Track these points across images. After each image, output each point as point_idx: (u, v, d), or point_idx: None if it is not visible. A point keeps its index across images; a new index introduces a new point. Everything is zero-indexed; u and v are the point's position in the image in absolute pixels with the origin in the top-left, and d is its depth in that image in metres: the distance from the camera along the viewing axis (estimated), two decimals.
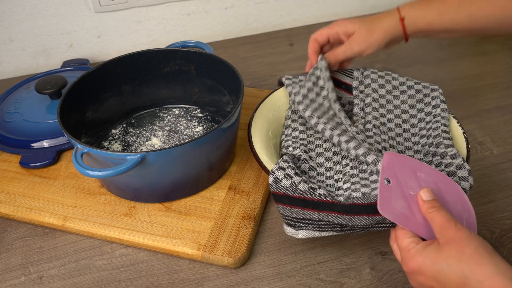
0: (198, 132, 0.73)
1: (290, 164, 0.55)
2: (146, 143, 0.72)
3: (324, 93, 0.66)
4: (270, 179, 0.53)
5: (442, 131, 0.60)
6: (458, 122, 0.62)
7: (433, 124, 0.62)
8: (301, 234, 0.54)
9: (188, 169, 0.60)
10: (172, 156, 0.57)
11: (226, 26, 1.04)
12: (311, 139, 0.63)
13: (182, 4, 0.97)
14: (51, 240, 0.61)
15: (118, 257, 0.59)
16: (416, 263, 0.43)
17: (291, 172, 0.54)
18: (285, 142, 0.62)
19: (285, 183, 0.52)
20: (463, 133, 0.60)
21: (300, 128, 0.64)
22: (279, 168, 0.54)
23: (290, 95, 0.67)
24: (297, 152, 0.59)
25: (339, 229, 0.54)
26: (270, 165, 0.56)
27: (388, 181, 0.48)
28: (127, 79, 0.74)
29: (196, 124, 0.75)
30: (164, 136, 0.73)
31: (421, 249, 0.44)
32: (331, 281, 0.55)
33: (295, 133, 0.63)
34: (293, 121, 0.65)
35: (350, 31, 0.66)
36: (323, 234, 0.54)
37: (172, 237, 0.58)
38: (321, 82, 0.66)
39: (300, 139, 0.62)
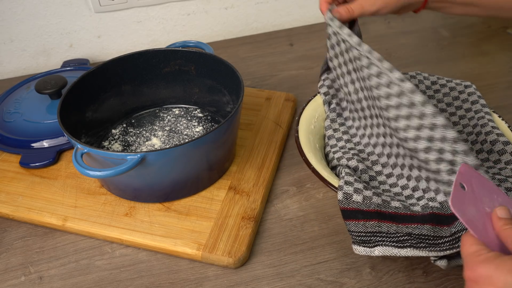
0: (198, 132, 0.73)
1: (356, 177, 0.52)
2: (146, 143, 0.72)
3: (351, 54, 0.59)
4: (340, 195, 0.50)
5: (493, 127, 0.59)
6: (500, 117, 0.62)
7: (478, 120, 0.61)
8: (378, 251, 0.49)
9: (188, 169, 0.60)
10: (172, 156, 0.57)
11: (226, 26, 1.04)
12: (360, 147, 0.60)
13: (182, 4, 0.97)
14: (51, 240, 0.61)
15: (118, 257, 0.59)
16: (485, 269, 0.38)
17: (360, 185, 0.51)
18: (334, 153, 0.59)
19: (357, 198, 0.50)
20: (508, 127, 0.60)
21: (345, 137, 0.61)
22: (346, 183, 0.51)
23: (326, 100, 0.64)
24: (353, 163, 0.56)
25: (421, 243, 0.49)
26: (332, 180, 0.53)
27: (463, 187, 0.44)
28: (127, 79, 0.74)
29: (196, 124, 0.75)
30: (164, 136, 0.73)
31: (495, 256, 0.38)
32: (331, 281, 0.55)
33: (341, 143, 0.60)
34: (334, 130, 0.62)
35: None
36: (403, 252, 0.48)
37: (172, 237, 0.58)
38: (342, 44, 0.60)
39: (349, 149, 0.59)
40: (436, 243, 0.48)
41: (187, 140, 0.66)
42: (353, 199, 0.50)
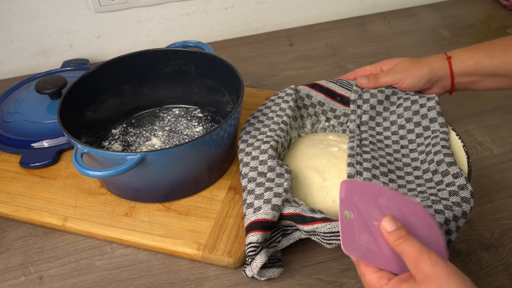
0: (198, 132, 0.73)
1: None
2: (146, 143, 0.72)
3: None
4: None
5: (442, 146, 0.59)
6: (457, 135, 0.61)
7: (432, 139, 0.61)
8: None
9: (188, 169, 0.60)
10: (172, 156, 0.57)
11: (226, 26, 1.04)
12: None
13: (182, 4, 0.97)
14: (51, 240, 0.61)
15: (118, 257, 0.59)
16: None
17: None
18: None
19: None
20: (463, 146, 0.60)
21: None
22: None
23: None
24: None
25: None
26: None
27: (349, 215, 0.43)
28: (127, 79, 0.74)
29: (196, 124, 0.75)
30: (164, 136, 0.73)
31: (396, 286, 0.39)
32: (331, 281, 0.55)
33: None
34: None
35: (393, 63, 0.67)
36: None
37: (172, 237, 0.58)
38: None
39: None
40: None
41: (187, 140, 0.66)
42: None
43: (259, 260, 0.50)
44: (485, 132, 0.75)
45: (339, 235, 0.50)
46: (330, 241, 0.51)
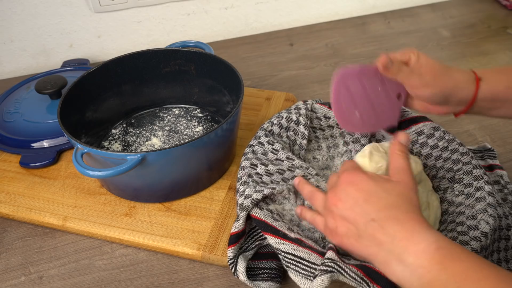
0: (198, 132, 0.73)
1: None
2: (146, 143, 0.72)
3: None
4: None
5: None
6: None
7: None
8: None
9: (188, 169, 0.60)
10: (172, 156, 0.57)
11: (226, 26, 1.04)
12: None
13: (182, 4, 0.97)
14: (51, 240, 0.61)
15: (118, 257, 0.59)
16: (359, 175, 0.45)
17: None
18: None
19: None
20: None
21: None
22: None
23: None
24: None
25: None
26: None
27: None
28: (127, 79, 0.74)
29: (196, 124, 0.75)
30: (164, 136, 0.73)
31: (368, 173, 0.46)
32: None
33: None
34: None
35: (419, 58, 0.55)
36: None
37: (172, 237, 0.58)
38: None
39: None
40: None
41: (187, 140, 0.66)
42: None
43: (240, 268, 0.52)
44: (485, 132, 0.75)
45: (302, 262, 0.50)
46: (288, 265, 0.50)
